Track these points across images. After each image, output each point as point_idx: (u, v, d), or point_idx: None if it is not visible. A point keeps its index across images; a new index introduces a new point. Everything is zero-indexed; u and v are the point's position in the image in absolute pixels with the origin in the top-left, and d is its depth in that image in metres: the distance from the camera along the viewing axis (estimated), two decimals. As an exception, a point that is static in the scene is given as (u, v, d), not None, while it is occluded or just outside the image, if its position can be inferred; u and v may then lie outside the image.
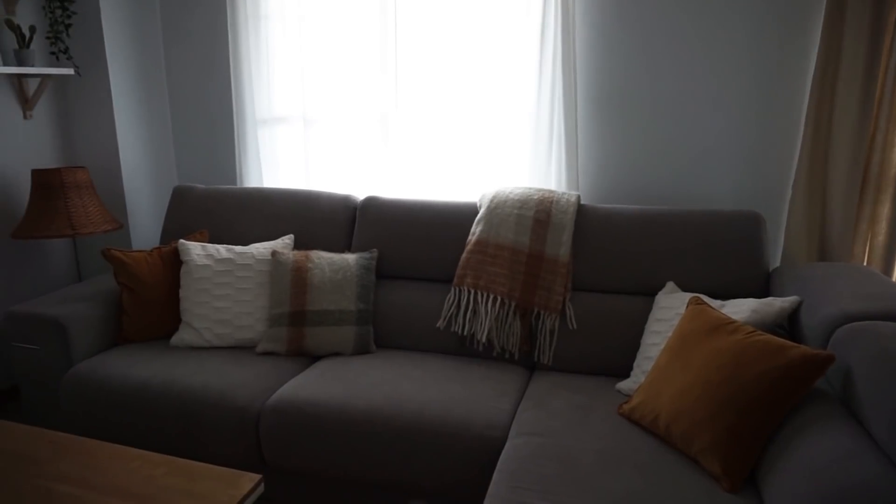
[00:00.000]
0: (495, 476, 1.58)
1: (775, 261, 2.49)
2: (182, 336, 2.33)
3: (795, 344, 1.52)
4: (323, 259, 2.38)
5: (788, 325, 1.91)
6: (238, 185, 2.96)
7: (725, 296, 2.12)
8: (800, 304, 1.84)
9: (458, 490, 1.81)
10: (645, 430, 1.74)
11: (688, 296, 2.03)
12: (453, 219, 2.42)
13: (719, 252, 2.15)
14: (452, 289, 2.30)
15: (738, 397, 1.52)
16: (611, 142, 2.59)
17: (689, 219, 2.21)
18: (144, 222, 3.10)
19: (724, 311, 1.88)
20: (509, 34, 2.56)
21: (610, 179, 2.63)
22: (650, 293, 2.23)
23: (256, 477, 1.45)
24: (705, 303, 1.81)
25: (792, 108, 2.38)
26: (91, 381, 2.12)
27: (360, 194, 2.67)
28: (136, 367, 2.15)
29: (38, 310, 2.26)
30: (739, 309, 1.86)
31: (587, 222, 2.30)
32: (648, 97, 2.51)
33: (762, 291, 2.13)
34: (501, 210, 2.32)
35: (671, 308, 2.04)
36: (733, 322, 1.67)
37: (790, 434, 1.45)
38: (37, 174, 2.59)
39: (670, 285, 2.16)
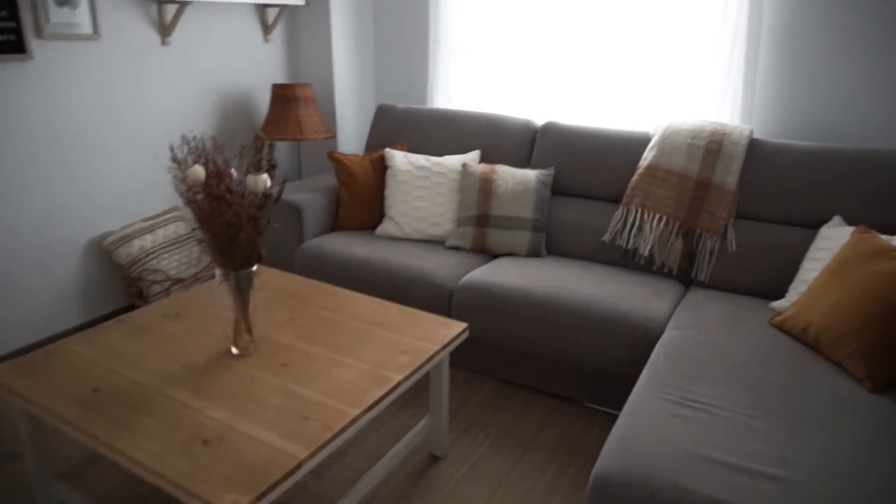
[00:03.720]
0: (653, 355, 1.89)
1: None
2: (385, 227, 2.82)
3: (959, 269, 1.64)
4: (506, 172, 2.73)
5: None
6: (427, 106, 3.37)
7: None
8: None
9: (616, 369, 2.15)
10: (795, 339, 1.94)
11: (854, 229, 2.13)
12: (625, 145, 2.65)
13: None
14: (621, 207, 2.57)
15: (889, 314, 1.67)
16: (790, 78, 2.63)
17: (866, 158, 2.26)
18: (349, 132, 3.63)
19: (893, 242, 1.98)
20: (699, -30, 2.66)
21: (785, 116, 2.69)
22: (813, 227, 2.34)
23: (463, 325, 1.87)
24: (872, 231, 1.93)
25: None
26: (319, 254, 2.68)
27: (537, 121, 2.96)
28: (352, 247, 2.67)
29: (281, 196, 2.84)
30: (907, 241, 1.95)
31: (757, 155, 2.43)
32: (839, 30, 2.50)
33: (937, 233, 2.17)
34: (674, 138, 2.51)
35: (835, 239, 2.16)
36: (898, 249, 1.80)
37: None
38: (276, 88, 3.16)
39: (837, 219, 2.26)
